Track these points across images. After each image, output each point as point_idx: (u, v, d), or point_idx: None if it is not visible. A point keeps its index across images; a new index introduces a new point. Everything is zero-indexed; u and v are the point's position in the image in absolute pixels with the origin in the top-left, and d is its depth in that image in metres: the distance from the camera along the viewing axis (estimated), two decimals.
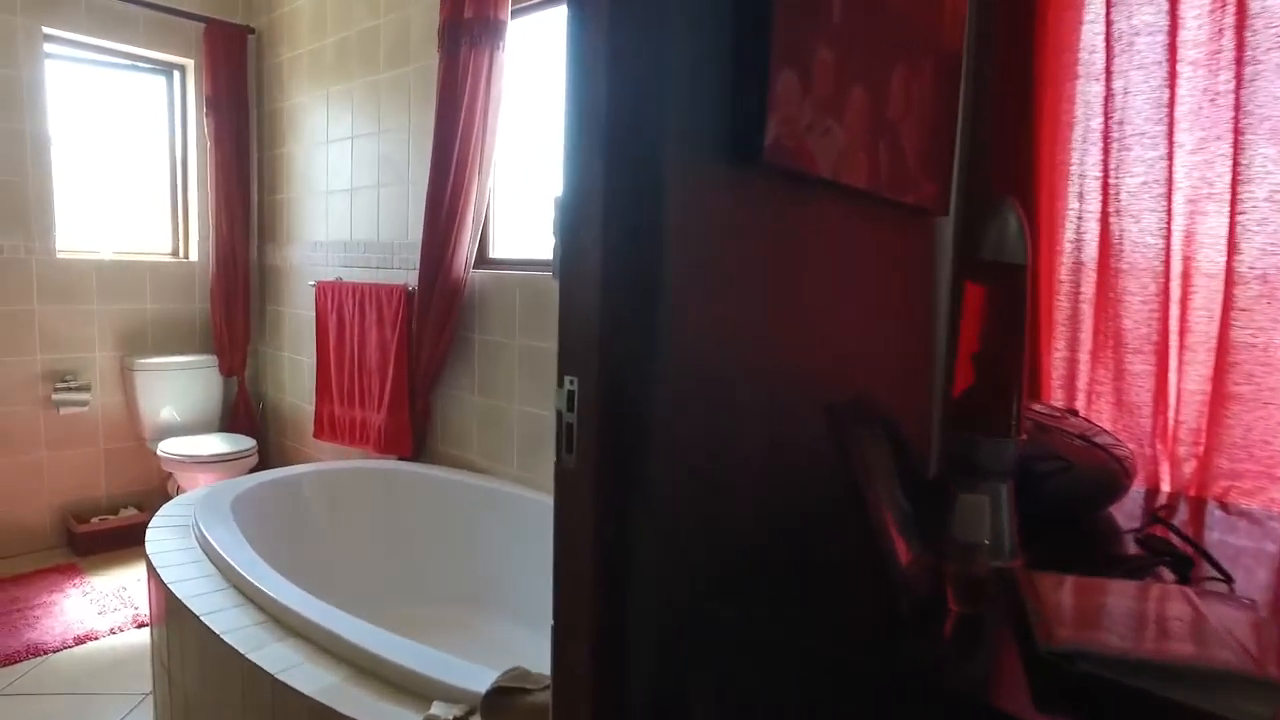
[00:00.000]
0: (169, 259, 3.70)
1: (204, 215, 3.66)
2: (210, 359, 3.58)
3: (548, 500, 2.37)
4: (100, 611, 2.78)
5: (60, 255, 3.32)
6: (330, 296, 2.99)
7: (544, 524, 2.03)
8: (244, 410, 3.71)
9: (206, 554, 1.85)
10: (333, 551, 2.44)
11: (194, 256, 3.71)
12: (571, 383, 0.82)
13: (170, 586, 1.70)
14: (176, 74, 3.70)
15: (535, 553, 2.23)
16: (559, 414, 0.82)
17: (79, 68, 3.47)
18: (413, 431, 2.66)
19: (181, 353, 3.58)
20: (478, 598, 2.39)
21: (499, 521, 2.36)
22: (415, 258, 2.73)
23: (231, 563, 1.72)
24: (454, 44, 2.34)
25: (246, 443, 3.31)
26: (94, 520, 3.39)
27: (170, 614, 1.70)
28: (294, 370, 3.56)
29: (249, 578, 1.64)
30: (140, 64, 3.61)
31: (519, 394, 2.41)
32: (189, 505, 2.18)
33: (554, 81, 2.50)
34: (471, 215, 2.43)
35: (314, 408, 3.10)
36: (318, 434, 3.07)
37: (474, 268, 2.52)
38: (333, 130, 3.18)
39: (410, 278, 2.73)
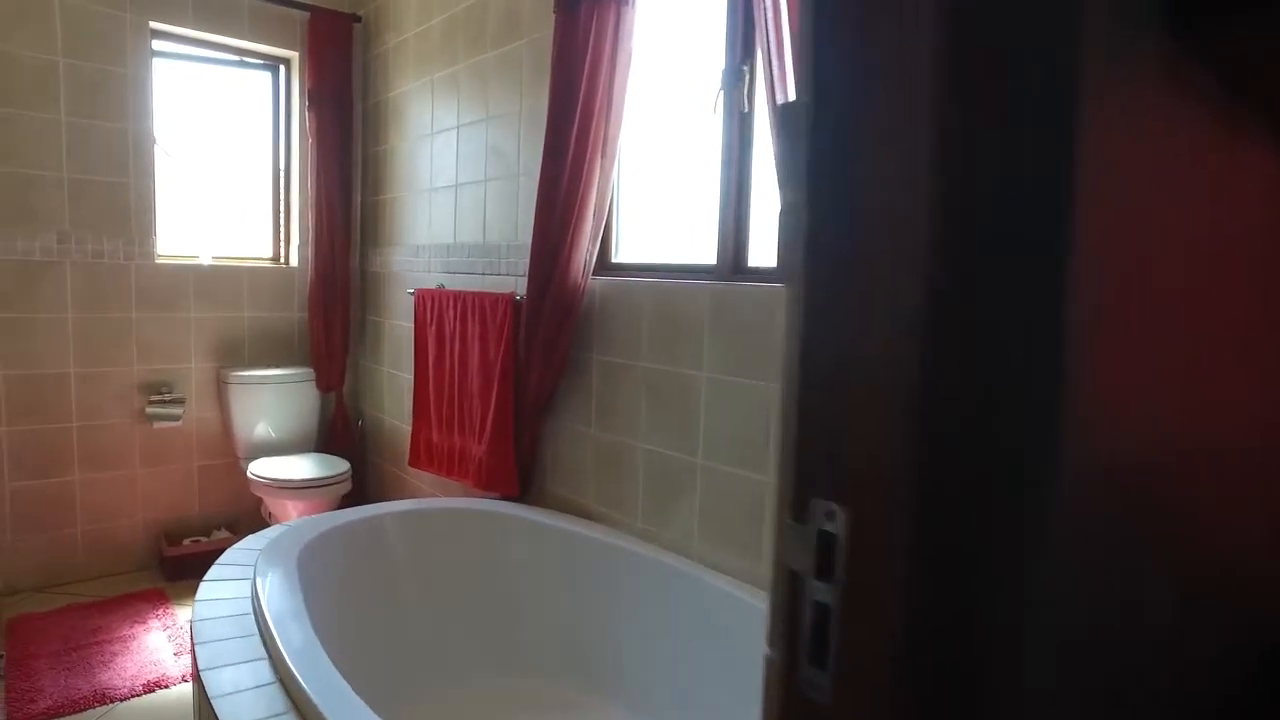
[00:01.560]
0: (268, 265, 3.53)
1: (305, 217, 3.47)
2: (307, 372, 3.37)
3: (676, 563, 1.96)
4: (176, 652, 2.55)
5: (159, 260, 3.18)
6: (430, 306, 2.68)
7: (670, 591, 1.58)
8: (341, 429, 3.48)
9: (256, 619, 1.52)
10: (417, 608, 2.10)
11: (294, 262, 3.52)
12: (829, 515, 0.39)
13: (198, 650, 1.39)
14: (282, 68, 3.53)
15: (660, 626, 1.81)
16: (791, 577, 0.39)
17: (182, 66, 3.34)
18: (518, 467, 2.29)
19: (278, 365, 3.38)
20: (587, 674, 2.00)
21: (618, 584, 1.95)
22: (525, 261, 2.37)
23: (276, 638, 1.39)
24: (573, 1, 1.97)
25: (340, 466, 3.06)
26: (185, 542, 3.23)
27: (196, 679, 1.38)
28: (394, 387, 3.29)
29: (292, 667, 1.29)
30: (247, 59, 3.46)
31: (645, 429, 2.01)
32: (257, 549, 1.88)
33: (701, 39, 2.09)
34: (592, 208, 2.04)
35: (411, 431, 2.80)
36: (414, 462, 2.77)
37: (593, 273, 2.13)
38: (437, 120, 2.89)
39: (520, 285, 2.38)
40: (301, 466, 3.03)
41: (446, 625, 2.10)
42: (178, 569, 3.13)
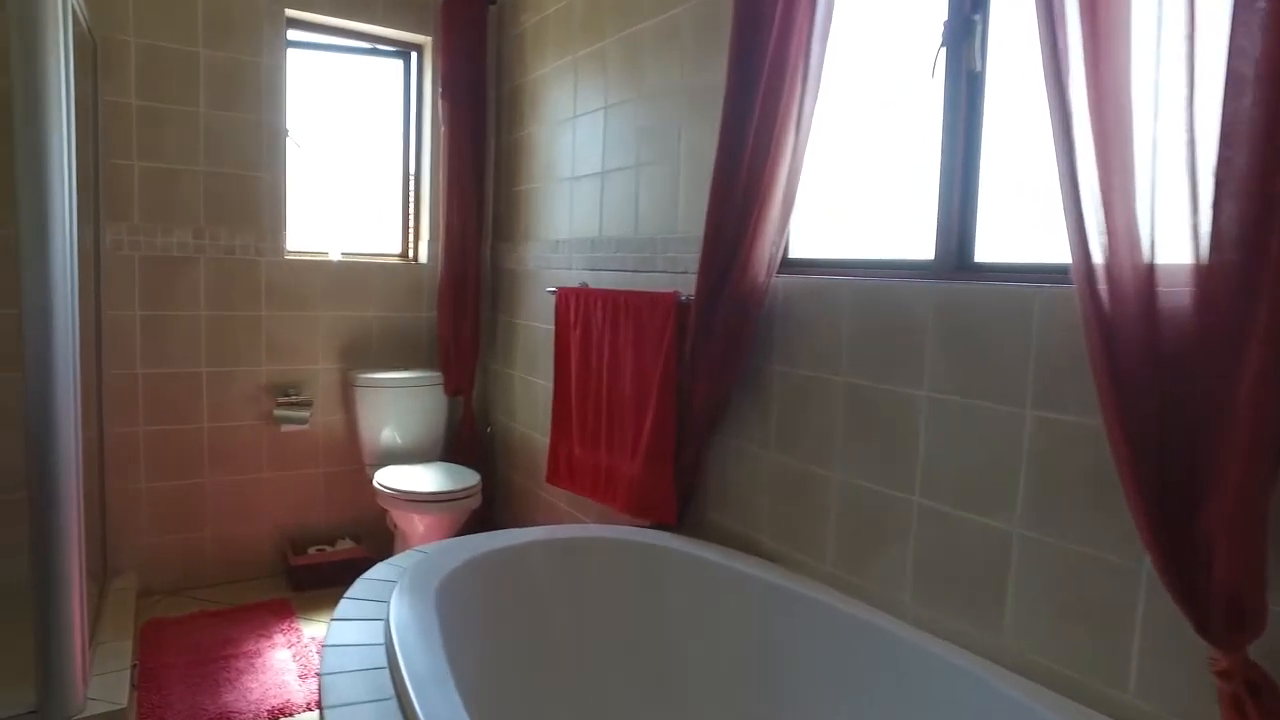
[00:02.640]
0: (397, 261, 3.41)
1: (435, 212, 3.33)
2: (435, 376, 3.22)
3: (880, 621, 1.41)
4: (302, 675, 2.42)
5: (289, 256, 3.10)
6: (574, 306, 2.46)
7: (870, 655, 1.21)
8: (469, 436, 3.32)
9: (392, 676, 1.31)
10: (567, 655, 1.87)
11: (423, 258, 3.39)
12: None
13: (327, 715, 1.19)
14: (414, 55, 3.41)
15: (854, 695, 1.51)
16: None
17: (314, 56, 3.26)
18: (677, 491, 2.03)
19: (406, 368, 3.25)
20: None
21: (801, 638, 1.66)
22: (687, 256, 2.12)
23: (416, 707, 1.17)
24: None
25: (469, 478, 2.89)
26: (310, 551, 3.14)
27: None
28: (527, 394, 3.10)
29: None
30: (379, 46, 3.36)
31: (841, 456, 1.70)
32: (388, 581, 1.69)
33: None
34: (779, 194, 1.76)
35: (549, 444, 2.59)
36: (552, 478, 2.55)
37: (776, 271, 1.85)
38: (581, 102, 2.67)
39: (681, 283, 2.12)
40: (429, 477, 2.88)
41: (602, 677, 1.86)
42: (303, 578, 3.04)
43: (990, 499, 1.41)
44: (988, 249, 1.57)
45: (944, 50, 1.59)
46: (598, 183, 2.57)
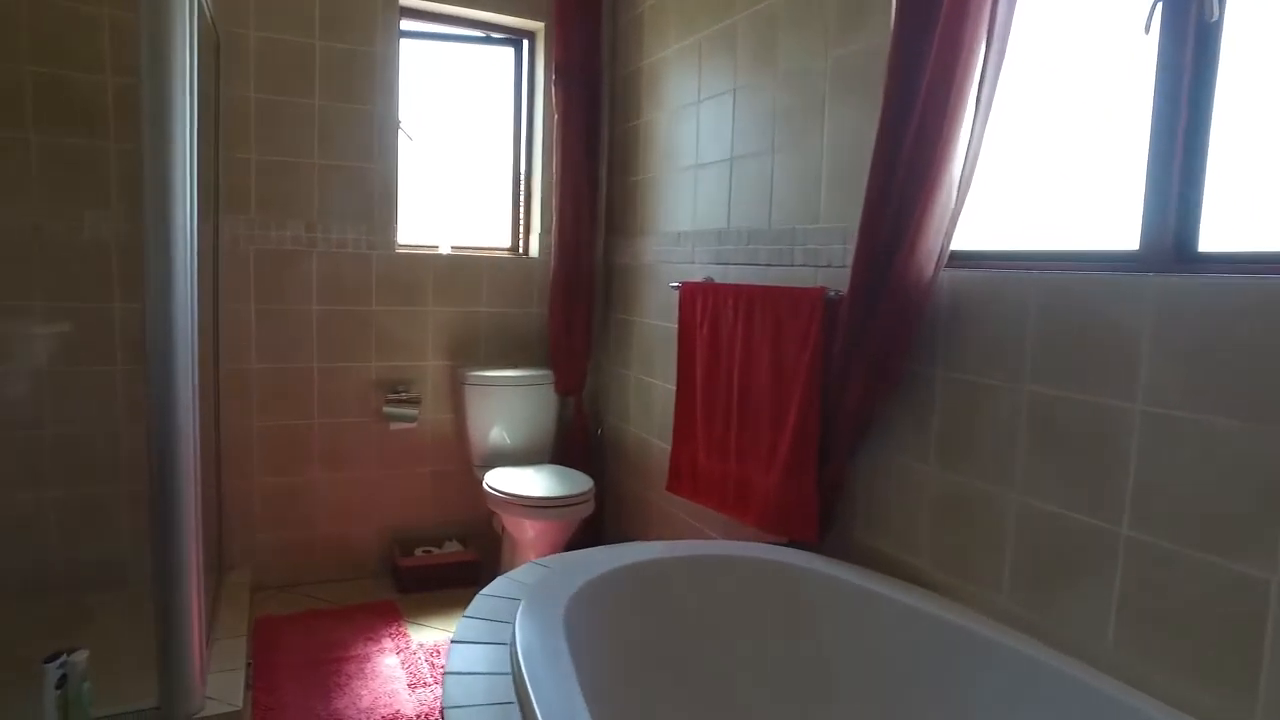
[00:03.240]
0: (507, 255, 3.34)
1: (547, 204, 3.24)
2: (546, 374, 3.13)
3: (1074, 671, 0.96)
4: (411, 684, 2.36)
5: (399, 250, 3.07)
6: (701, 303, 2.31)
7: (1061, 710, 0.89)
8: (580, 439, 3.22)
9: (520, 703, 1.19)
10: (705, 681, 1.72)
11: (533, 252, 3.30)
12: None
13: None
14: (525, 43, 3.33)
15: None
16: None
17: (425, 45, 3.22)
18: (820, 507, 1.86)
19: (516, 366, 3.18)
20: None
21: (974, 684, 1.47)
22: (830, 249, 1.94)
23: None
24: None
25: (582, 483, 2.78)
26: (418, 552, 3.10)
27: None
28: (642, 395, 2.98)
29: None
30: (491, 34, 3.30)
31: (1023, 475, 1.50)
32: (509, 598, 1.58)
33: None
34: (952, 179, 1.56)
35: (669, 450, 2.45)
36: (673, 487, 2.41)
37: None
38: (706, 85, 2.52)
39: (824, 277, 1.95)
40: (541, 481, 2.78)
41: (744, 709, 1.70)
42: (409, 580, 3.00)
43: (1238, 538, 1.18)
44: (1218, 236, 1.34)
45: (1158, 5, 1.36)
46: (725, 171, 2.42)
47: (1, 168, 2.51)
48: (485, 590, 1.61)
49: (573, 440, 3.23)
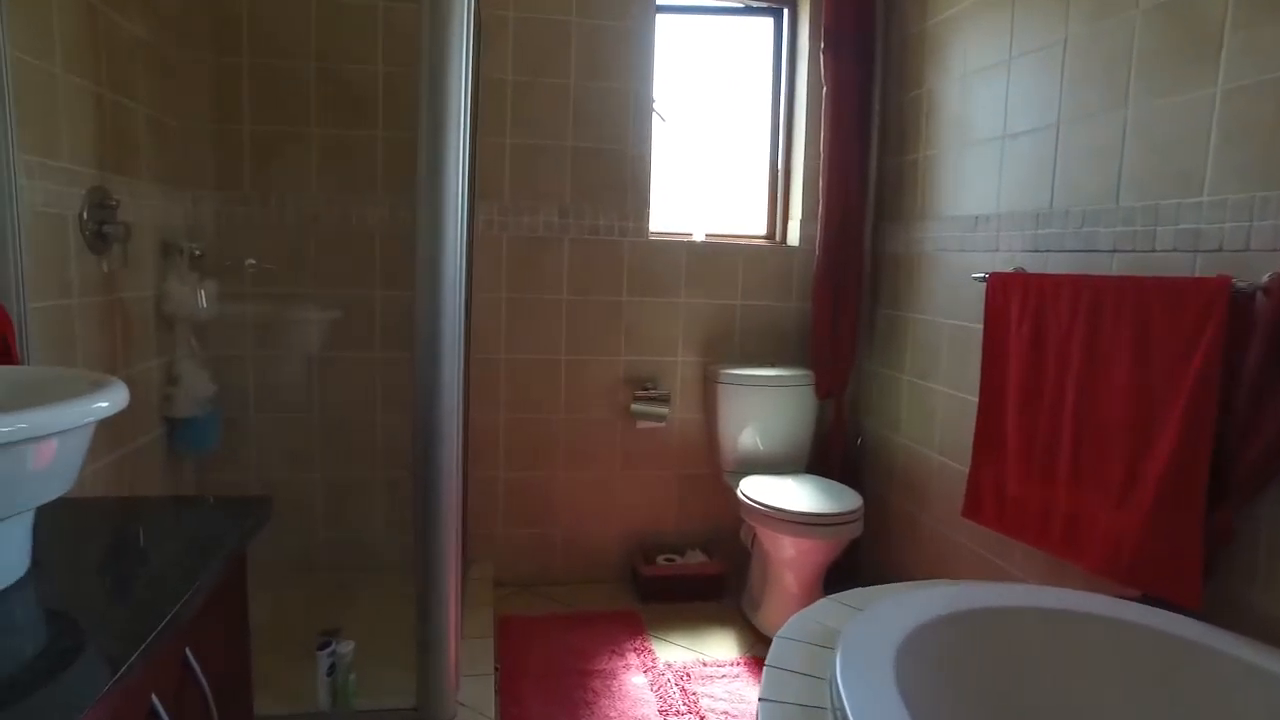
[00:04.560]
0: (763, 244, 3.12)
1: (809, 188, 2.98)
2: (805, 375, 2.88)
3: None
4: (662, 710, 2.20)
5: (652, 237, 2.94)
6: (1018, 298, 1.96)
7: None
8: (838, 447, 2.94)
9: None
10: None
11: (792, 240, 3.06)
12: None
13: None
14: (786, 11, 3.09)
15: None
16: None
17: (679, 20, 3.06)
18: (1203, 559, 1.47)
19: (772, 364, 2.95)
20: None
21: None
22: (1218, 230, 1.53)
23: None
24: None
25: (850, 500, 2.50)
26: (659, 560, 2.95)
27: None
28: (920, 403, 2.64)
29: None
30: (751, 3, 3.08)
31: None
32: (816, 645, 1.34)
33: None
34: None
35: (965, 469, 2.12)
36: (971, 512, 2.08)
37: None
38: (1023, 39, 2.15)
39: (1211, 264, 1.55)
40: (804, 494, 2.53)
41: None
42: (651, 589, 2.87)
43: None
44: None
45: None
46: (1046, 140, 2.04)
47: (289, 161, 2.64)
48: (783, 632, 1.39)
49: (831, 449, 2.95)
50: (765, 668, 1.28)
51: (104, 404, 0.94)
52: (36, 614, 0.88)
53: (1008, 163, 2.20)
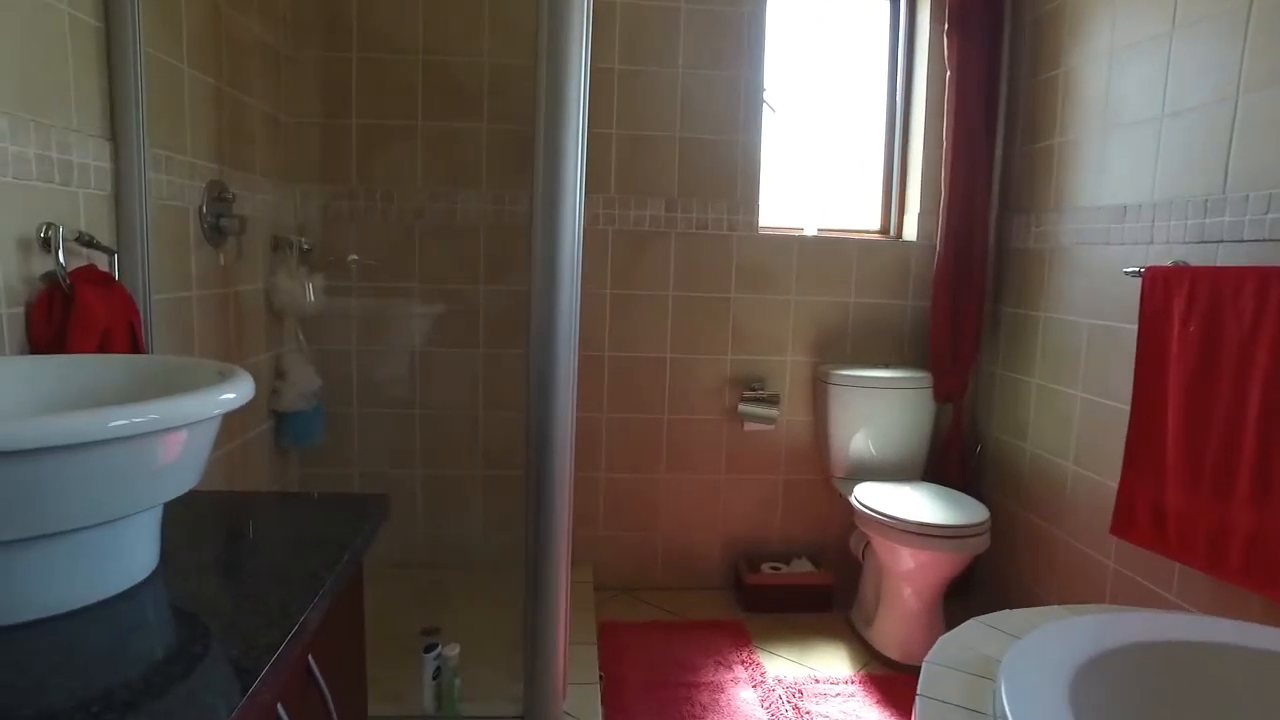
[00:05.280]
0: (877, 238, 2.97)
1: (928, 178, 2.81)
2: (922, 377, 2.72)
3: None
4: None
5: (762, 231, 2.83)
6: (1182, 295, 1.78)
7: None
8: (956, 454, 2.77)
9: None
10: None
11: (909, 235, 2.90)
12: None
13: None
14: None
15: None
16: None
17: (787, 2, 2.94)
18: None
19: (887, 365, 2.80)
20: None
21: None
22: None
23: None
24: None
25: (976, 511, 2.34)
26: (764, 568, 2.84)
27: None
28: (1051, 408, 2.46)
29: None
30: None
31: None
32: (967, 667, 1.21)
33: None
34: None
35: (1119, 484, 1.94)
36: (1122, 530, 1.91)
37: None
38: (1190, 6, 1.96)
39: None
40: (923, 503, 2.39)
41: None
42: (755, 598, 2.76)
43: None
44: None
45: None
46: (1219, 116, 1.84)
47: (395, 155, 2.63)
48: (932, 658, 1.27)
49: (948, 456, 2.79)
50: (919, 698, 1.17)
51: (231, 395, 0.90)
52: (165, 614, 0.84)
53: (1165, 145, 2.01)
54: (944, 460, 2.79)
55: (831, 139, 3.01)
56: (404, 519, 2.79)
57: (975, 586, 2.78)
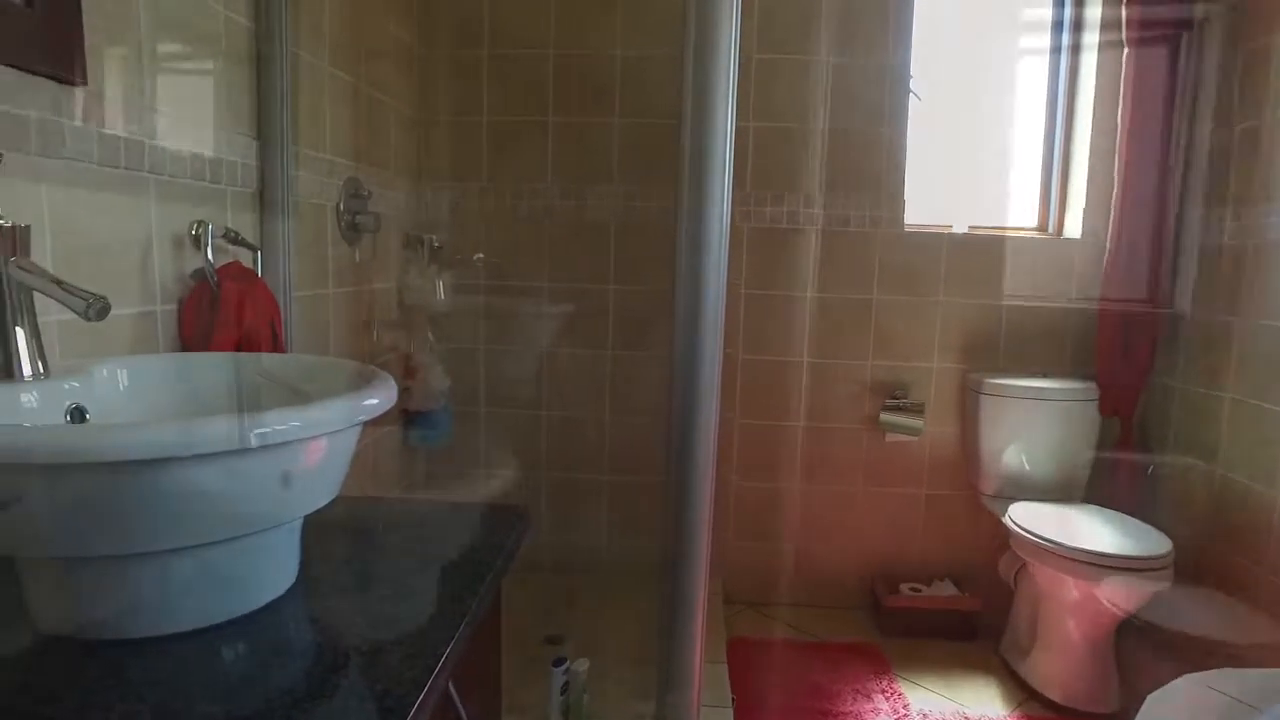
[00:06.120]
0: (1034, 235, 2.74)
1: (1096, 169, 2.57)
2: (1087, 388, 2.48)
3: None
4: None
5: (908, 229, 2.65)
6: None
7: None
8: (1126, 475, 2.52)
9: None
10: None
11: (1072, 232, 2.66)
12: None
13: None
14: None
15: None
16: None
17: None
18: None
19: (1046, 374, 2.57)
20: None
21: None
22: None
23: None
24: None
25: (1157, 542, 2.10)
26: (903, 589, 2.66)
27: None
28: (1246, 426, 2.19)
29: None
30: None
31: None
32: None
33: None
34: None
35: None
36: None
37: None
38: None
39: None
40: (1091, 528, 2.17)
41: None
42: (894, 621, 2.59)
43: None
44: None
45: None
46: None
47: (525, 151, 2.60)
48: (1160, 694, 1.10)
49: (1116, 477, 2.53)
50: None
51: (374, 401, 0.84)
52: (307, 635, 0.79)
53: None
54: (1110, 481, 2.54)
55: (982, 128, 2.79)
56: (533, 525, 2.76)
57: (1147, 624, 2.52)
